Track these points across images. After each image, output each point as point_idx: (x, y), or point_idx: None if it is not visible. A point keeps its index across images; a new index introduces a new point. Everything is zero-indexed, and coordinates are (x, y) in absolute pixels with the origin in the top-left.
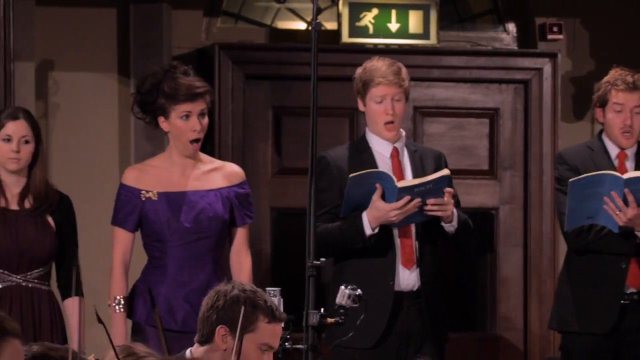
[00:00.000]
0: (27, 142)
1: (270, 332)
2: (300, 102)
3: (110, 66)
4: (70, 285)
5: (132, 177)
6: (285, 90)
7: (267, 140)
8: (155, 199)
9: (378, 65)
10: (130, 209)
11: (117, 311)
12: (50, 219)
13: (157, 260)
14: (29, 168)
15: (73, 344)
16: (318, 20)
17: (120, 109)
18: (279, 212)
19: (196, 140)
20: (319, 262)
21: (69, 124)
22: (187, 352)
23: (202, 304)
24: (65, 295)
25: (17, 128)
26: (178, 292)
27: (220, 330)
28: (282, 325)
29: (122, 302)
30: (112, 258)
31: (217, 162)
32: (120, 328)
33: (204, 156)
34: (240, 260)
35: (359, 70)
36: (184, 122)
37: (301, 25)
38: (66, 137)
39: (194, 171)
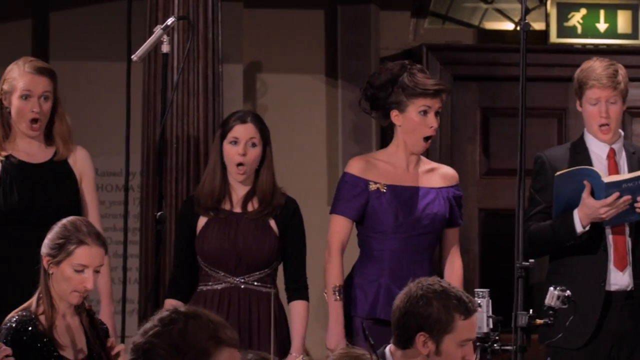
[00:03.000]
0: (254, 145)
1: (467, 328)
2: (508, 103)
3: (318, 67)
4: (296, 288)
5: (359, 168)
6: (494, 91)
7: (475, 141)
8: (384, 190)
9: (595, 66)
10: (354, 198)
11: (336, 300)
12: (273, 222)
13: (375, 253)
14: (255, 171)
15: (294, 348)
16: (526, 21)
17: (328, 111)
18: (487, 213)
19: (429, 138)
20: (527, 263)
21: (277, 125)
22: (387, 350)
23: (394, 307)
24: (291, 298)
25: (244, 131)
26: (398, 285)
27: (420, 338)
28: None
29: (341, 290)
30: (330, 246)
31: (433, 163)
32: (338, 317)
33: (421, 156)
34: (453, 260)
35: (577, 71)
36: (421, 117)
37: (509, 26)
38: (274, 138)
39: (415, 168)
